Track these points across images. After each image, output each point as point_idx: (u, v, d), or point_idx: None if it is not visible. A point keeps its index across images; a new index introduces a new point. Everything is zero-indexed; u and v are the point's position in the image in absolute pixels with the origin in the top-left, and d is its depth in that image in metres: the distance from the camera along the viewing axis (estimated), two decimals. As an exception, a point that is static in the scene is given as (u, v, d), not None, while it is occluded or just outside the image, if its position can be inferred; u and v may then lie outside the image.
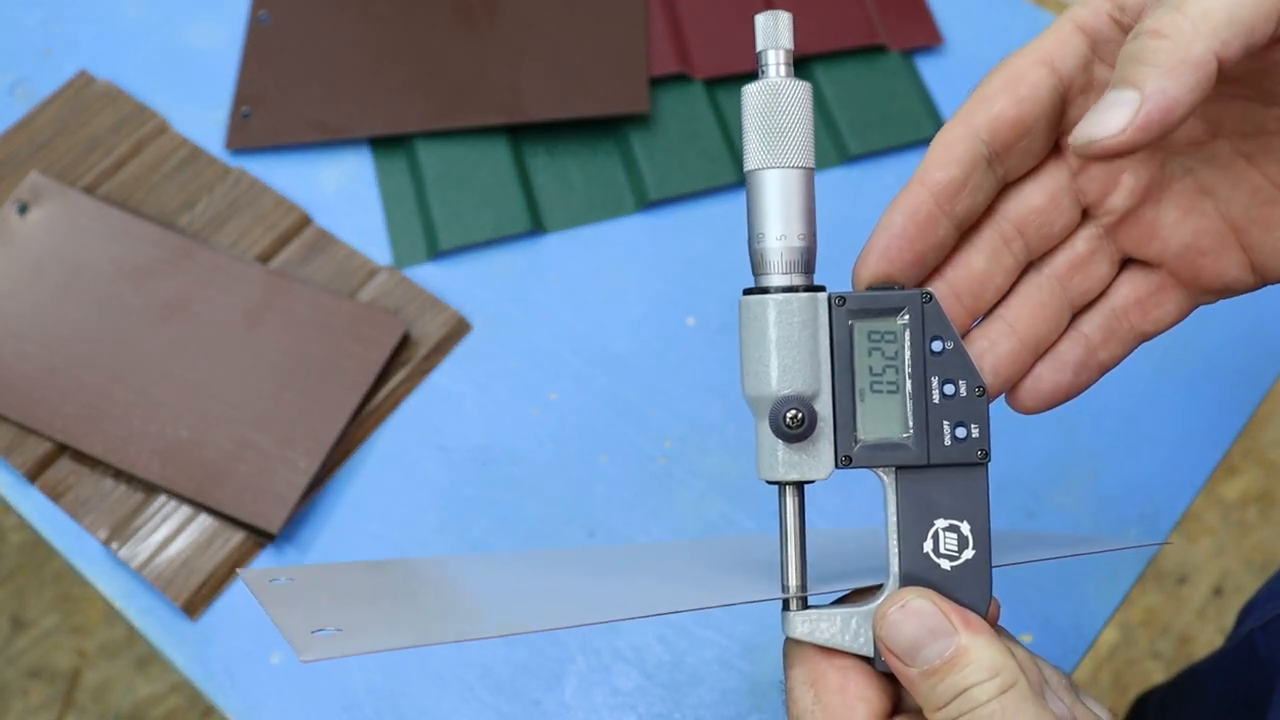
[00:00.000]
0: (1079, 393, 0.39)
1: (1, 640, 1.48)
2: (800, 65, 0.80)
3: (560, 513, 0.66)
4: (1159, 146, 0.37)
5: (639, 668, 0.61)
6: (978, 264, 0.37)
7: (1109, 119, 0.31)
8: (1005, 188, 0.37)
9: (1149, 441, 0.67)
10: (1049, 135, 0.36)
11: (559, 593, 0.38)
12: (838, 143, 0.77)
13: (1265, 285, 0.37)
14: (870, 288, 0.36)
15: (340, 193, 0.76)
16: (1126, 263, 0.39)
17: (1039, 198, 0.37)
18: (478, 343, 0.71)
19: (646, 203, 0.75)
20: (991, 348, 0.37)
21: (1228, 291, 0.38)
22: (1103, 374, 0.39)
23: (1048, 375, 0.38)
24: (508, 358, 0.70)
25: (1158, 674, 1.45)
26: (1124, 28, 0.35)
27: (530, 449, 0.67)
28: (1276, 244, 0.36)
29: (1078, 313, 0.39)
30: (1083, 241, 0.38)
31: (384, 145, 0.77)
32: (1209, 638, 1.47)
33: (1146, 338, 0.39)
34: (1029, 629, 0.62)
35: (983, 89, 0.36)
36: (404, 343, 0.69)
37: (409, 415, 0.68)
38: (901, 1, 0.82)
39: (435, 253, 0.73)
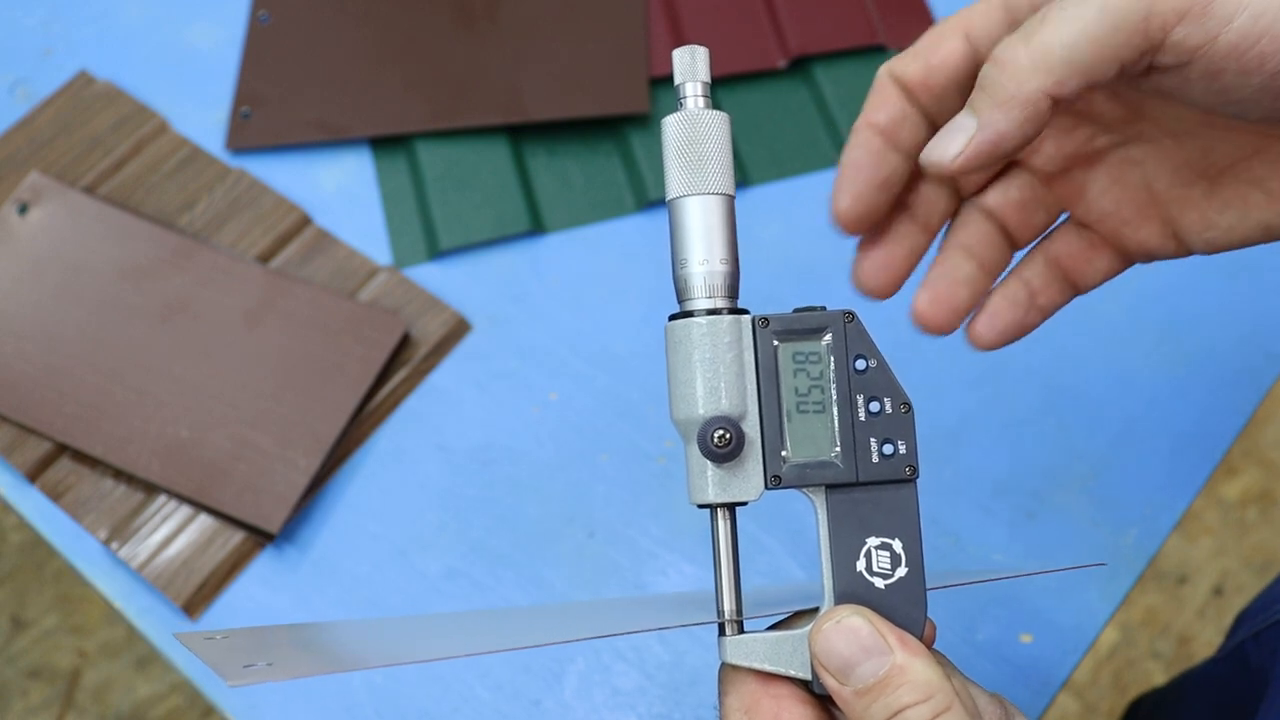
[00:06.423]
0: (1027, 332, 0.41)
1: (1, 640, 1.48)
2: (800, 65, 0.80)
3: (560, 513, 0.66)
4: (1085, 119, 0.39)
5: (639, 668, 0.61)
6: (923, 188, 0.40)
7: (948, 145, 0.34)
8: None
9: (1149, 441, 0.67)
10: (962, 100, 0.37)
11: (482, 628, 0.39)
12: (838, 143, 0.77)
13: (1191, 254, 0.39)
14: (795, 310, 0.36)
15: (340, 193, 0.76)
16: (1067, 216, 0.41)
17: None
18: (478, 343, 0.71)
19: (646, 203, 0.75)
20: (955, 269, 0.40)
21: (1153, 257, 0.40)
22: (1043, 319, 0.41)
23: (1004, 312, 0.40)
24: (508, 358, 0.70)
25: (1158, 674, 1.45)
26: (1037, 7, 0.36)
27: (530, 449, 0.67)
28: (1192, 223, 0.38)
29: (1022, 258, 0.41)
30: (1015, 188, 0.40)
31: (384, 145, 0.77)
32: (1209, 638, 1.48)
33: (1080, 290, 0.41)
34: (1029, 629, 0.62)
35: (914, 44, 0.38)
36: (404, 343, 0.69)
37: (409, 415, 0.68)
38: (901, 1, 0.82)
39: (435, 253, 0.73)
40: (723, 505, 0.35)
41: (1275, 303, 0.71)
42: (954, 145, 0.34)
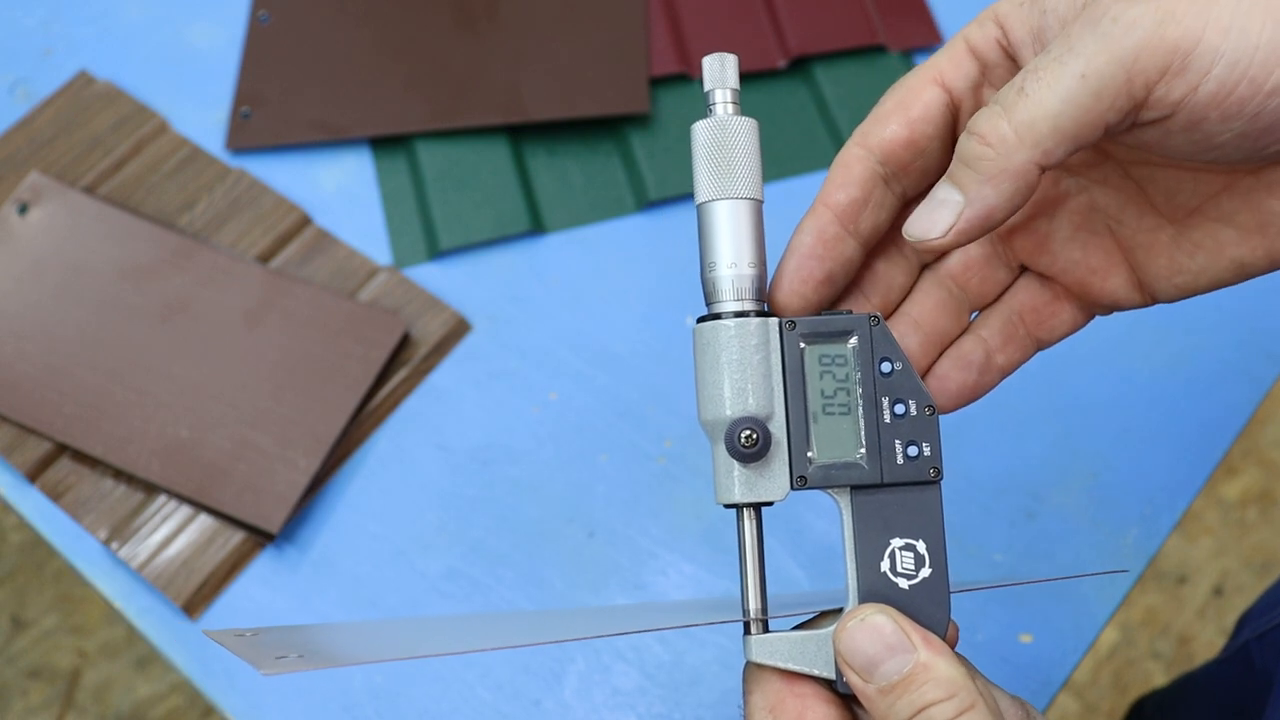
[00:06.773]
0: (984, 393, 0.40)
1: (1, 640, 1.48)
2: (800, 65, 0.80)
3: (560, 513, 0.66)
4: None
5: (639, 668, 0.61)
6: (878, 266, 0.39)
7: (933, 220, 0.33)
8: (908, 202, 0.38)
9: (1149, 441, 0.67)
10: (944, 153, 0.37)
11: (499, 628, 0.40)
12: (838, 143, 0.77)
13: (1156, 303, 0.38)
14: (819, 311, 0.36)
15: (340, 193, 0.76)
16: (1025, 269, 0.40)
17: None
18: (478, 343, 0.71)
19: (646, 203, 0.75)
20: (900, 340, 0.38)
21: (1118, 307, 0.39)
22: (1003, 378, 0.40)
23: (955, 375, 0.39)
24: (508, 358, 0.70)
25: (1158, 674, 1.45)
26: (1009, 54, 0.35)
27: (530, 449, 0.67)
28: (1161, 269, 0.37)
29: (980, 312, 0.40)
30: (976, 246, 0.39)
31: (384, 145, 0.77)
32: (1209, 638, 1.48)
33: (1043, 345, 0.40)
34: (1029, 629, 0.62)
35: (878, 108, 0.37)
36: (404, 343, 0.69)
37: (409, 415, 0.68)
38: (901, 1, 0.82)
39: (435, 253, 0.73)
40: (749, 505, 0.36)
41: (1275, 303, 0.71)
42: (941, 220, 0.33)
